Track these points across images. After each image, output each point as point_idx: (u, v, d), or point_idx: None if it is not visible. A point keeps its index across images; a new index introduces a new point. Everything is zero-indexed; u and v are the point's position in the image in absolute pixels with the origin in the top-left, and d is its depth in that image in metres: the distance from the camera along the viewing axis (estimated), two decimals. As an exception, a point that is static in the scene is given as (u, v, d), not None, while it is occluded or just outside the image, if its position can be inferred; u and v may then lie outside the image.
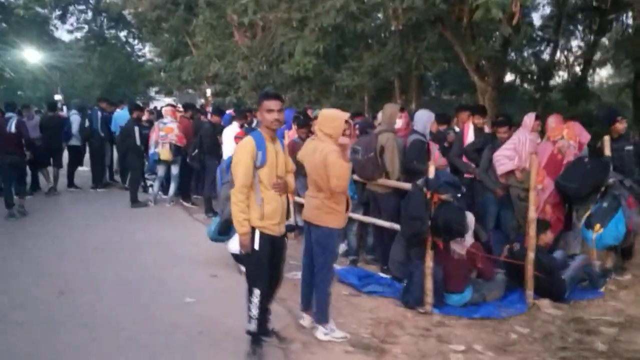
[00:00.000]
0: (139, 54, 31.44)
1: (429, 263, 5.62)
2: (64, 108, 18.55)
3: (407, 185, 6.04)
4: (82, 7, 28.31)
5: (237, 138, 9.01)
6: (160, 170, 10.88)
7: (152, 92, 33.26)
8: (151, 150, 10.58)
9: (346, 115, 4.93)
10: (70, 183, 12.90)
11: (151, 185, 12.25)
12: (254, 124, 10.48)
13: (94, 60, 30.33)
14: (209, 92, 15.27)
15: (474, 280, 5.98)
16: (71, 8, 28.27)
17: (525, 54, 18.02)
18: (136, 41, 31.02)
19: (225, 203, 6.34)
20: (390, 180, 6.48)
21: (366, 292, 6.20)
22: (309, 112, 11.18)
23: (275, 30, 18.21)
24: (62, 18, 28.74)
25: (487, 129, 8.21)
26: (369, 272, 6.76)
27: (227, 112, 11.80)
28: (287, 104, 19.48)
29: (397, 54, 15.99)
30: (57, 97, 26.92)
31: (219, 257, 6.98)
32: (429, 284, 5.64)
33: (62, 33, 48.59)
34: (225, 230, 6.55)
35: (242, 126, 9.65)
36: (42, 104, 22.67)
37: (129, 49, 31.90)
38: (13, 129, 9.78)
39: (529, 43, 16.90)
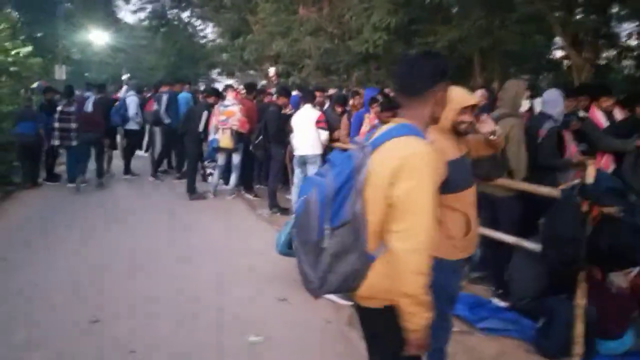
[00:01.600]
0: (201, 34, 30.26)
1: (581, 300, 3.96)
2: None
3: (543, 190, 4.38)
4: (146, -15, 27.24)
5: (320, 123, 7.56)
6: (221, 158, 9.49)
7: (213, 73, 32.11)
8: (211, 137, 9.19)
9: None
10: (127, 170, 11.74)
11: (210, 174, 10.91)
12: (325, 107, 8.94)
13: (157, 41, 29.33)
14: (272, 70, 13.74)
15: (637, 321, 4.28)
16: (134, -13, 27.19)
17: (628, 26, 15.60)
18: (199, 22, 29.82)
19: (335, 261, 4.55)
20: (515, 182, 4.81)
21: (482, 329, 4.59)
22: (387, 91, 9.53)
23: (344, 2, 16.55)
24: (126, -1, 27.79)
25: (618, 114, 6.43)
26: (481, 299, 5.12)
27: (293, 93, 10.32)
28: (353, 84, 17.89)
29: (481, 27, 14.07)
30: (125, 76, 26.18)
31: (288, 272, 5.49)
32: (579, 329, 3.98)
33: (126, 14, 47.99)
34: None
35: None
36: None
37: (191, 30, 30.76)
38: (90, 109, 10.38)
39: (634, 14, 14.58)
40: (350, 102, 8.12)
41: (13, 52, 19.30)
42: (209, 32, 29.19)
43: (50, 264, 6.04)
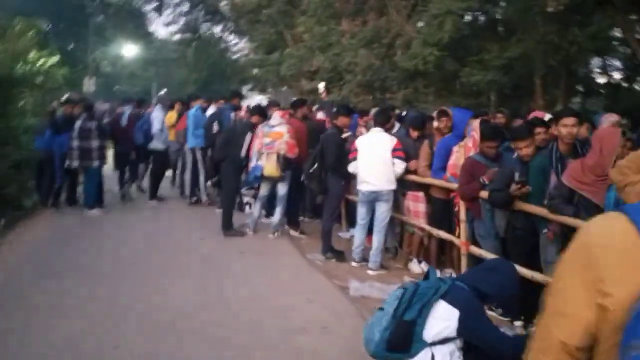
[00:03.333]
0: (234, 49, 28.81)
1: None
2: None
3: None
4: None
5: (398, 152, 5.84)
6: (264, 188, 7.75)
7: (245, 89, 30.62)
8: (253, 163, 7.46)
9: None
10: (152, 195, 10.04)
11: (248, 204, 9.18)
12: (395, 130, 7.17)
13: (188, 55, 27.97)
14: (322, 87, 12.03)
15: None
16: (167, 0, 25.87)
17: None
18: (232, 36, 28.39)
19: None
20: None
21: None
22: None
23: (391, 16, 14.85)
24: (159, 11, 26.48)
25: None
26: None
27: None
28: (400, 103, 16.12)
29: (552, 43, 12.24)
30: (162, 92, 24.81)
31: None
32: None
33: (158, 28, 47.14)
34: (402, 343, 3.24)
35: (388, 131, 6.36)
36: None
37: (223, 44, 29.35)
38: (125, 123, 9.99)
39: None
40: (435, 124, 6.31)
41: (39, 63, 17.84)
42: (242, 47, 27.65)
43: (45, 331, 4.31)
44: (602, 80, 16.78)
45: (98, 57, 30.11)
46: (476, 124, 5.70)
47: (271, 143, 7.29)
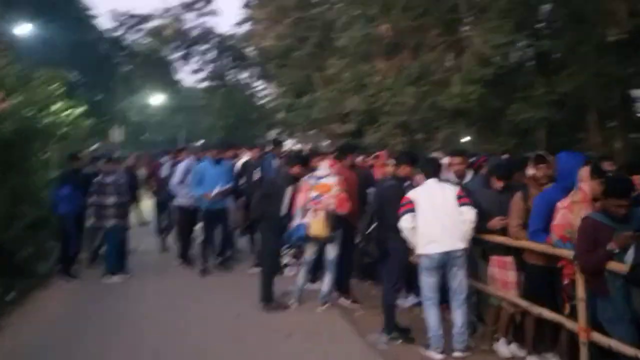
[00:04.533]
0: (260, 94, 27.99)
1: None
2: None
3: None
4: (206, 46, 25.22)
5: (464, 198, 4.61)
6: (310, 250, 6.42)
7: (272, 134, 29.67)
8: (296, 221, 6.16)
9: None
10: (182, 254, 8.74)
11: (287, 265, 7.86)
12: (468, 178, 5.85)
13: (215, 102, 27.20)
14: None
15: None
16: (193, 48, 25.23)
17: None
18: (258, 82, 27.62)
19: None
20: None
21: None
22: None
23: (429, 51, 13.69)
24: (186, 58, 25.84)
25: None
26: None
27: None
28: (438, 144, 14.83)
29: (610, 74, 10.92)
30: (200, 142, 24.00)
31: None
32: None
33: (184, 75, 47.18)
34: None
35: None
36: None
37: (249, 90, 28.58)
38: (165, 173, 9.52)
39: None
40: (530, 172, 4.96)
41: (64, 113, 16.88)
42: (268, 91, 26.84)
43: None
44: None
45: (125, 106, 29.55)
46: (585, 172, 4.37)
47: (318, 197, 6.01)
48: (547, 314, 4.56)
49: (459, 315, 5.09)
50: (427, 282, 5.15)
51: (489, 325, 5.42)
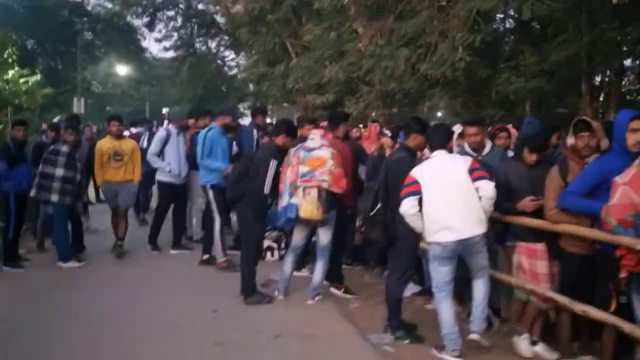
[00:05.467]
0: (231, 64, 26.58)
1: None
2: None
3: None
4: (171, 12, 23.67)
5: (478, 171, 3.81)
6: (299, 235, 5.47)
7: (242, 107, 28.39)
8: (283, 201, 5.19)
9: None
10: (151, 239, 7.60)
11: (269, 249, 6.92)
12: (486, 150, 4.95)
13: (182, 72, 25.74)
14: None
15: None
16: (160, 14, 23.63)
17: None
18: (228, 51, 26.18)
19: None
20: None
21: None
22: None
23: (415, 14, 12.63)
24: (150, 25, 24.24)
25: None
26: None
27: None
28: (424, 114, 13.98)
29: (612, 41, 10.12)
30: (165, 110, 22.52)
31: None
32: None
33: (150, 44, 45.28)
34: None
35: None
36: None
37: (219, 61, 27.14)
38: (146, 145, 8.60)
39: None
40: (570, 142, 4.06)
41: (21, 81, 15.54)
42: (239, 61, 25.48)
43: None
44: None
45: (87, 76, 27.89)
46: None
47: (310, 173, 5.04)
48: (599, 314, 3.73)
49: (480, 287, 4.27)
50: (439, 271, 4.27)
51: (512, 322, 4.58)
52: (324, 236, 5.30)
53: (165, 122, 10.23)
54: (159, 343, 4.46)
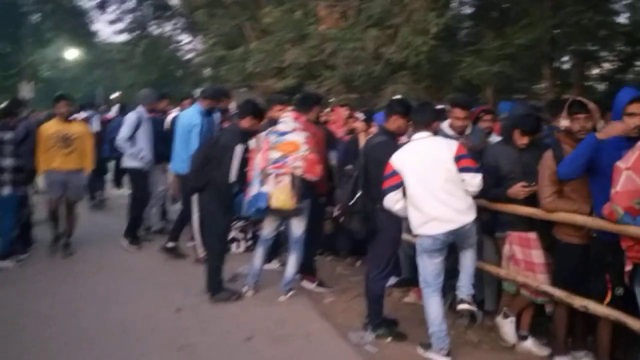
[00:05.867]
0: (187, 47, 25.60)
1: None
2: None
3: None
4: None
5: (465, 159, 3.42)
6: (270, 226, 5.03)
7: (199, 92, 27.42)
8: (253, 189, 4.72)
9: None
10: (128, 231, 6.84)
11: (234, 241, 6.45)
12: (468, 131, 4.59)
13: (136, 56, 24.68)
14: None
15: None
16: (111, -5, 22.54)
17: None
18: (183, 35, 25.21)
19: None
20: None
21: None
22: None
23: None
24: (102, 7, 23.07)
25: None
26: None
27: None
28: (386, 100, 13.61)
29: (578, 25, 10.00)
30: (115, 95, 21.39)
31: None
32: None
33: (102, 27, 43.49)
34: None
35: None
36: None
37: (175, 44, 26.13)
38: (97, 128, 8.92)
39: None
40: (564, 123, 3.72)
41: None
42: (195, 45, 24.54)
43: None
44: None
45: (35, 60, 26.47)
46: None
47: (282, 159, 4.59)
48: (597, 308, 3.44)
49: (468, 255, 3.98)
50: (428, 264, 3.91)
51: (502, 310, 4.25)
52: (297, 227, 4.87)
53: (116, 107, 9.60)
54: (115, 348, 3.96)
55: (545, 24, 10.60)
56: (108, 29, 26.27)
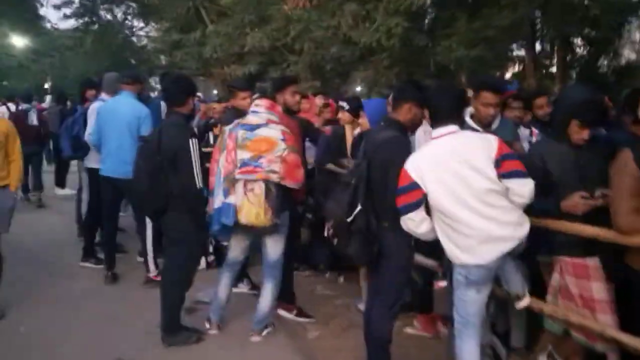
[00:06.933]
0: (140, 33, 23.78)
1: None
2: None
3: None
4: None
5: (507, 160, 2.44)
6: (238, 246, 3.83)
7: (154, 81, 25.74)
8: (216, 201, 3.52)
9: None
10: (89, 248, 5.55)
11: (209, 265, 5.23)
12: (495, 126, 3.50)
13: (86, 43, 22.75)
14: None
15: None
16: (57, -23, 20.55)
17: None
18: (136, 21, 23.37)
19: None
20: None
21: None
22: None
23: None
24: (47, -11, 21.07)
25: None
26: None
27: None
28: (359, 87, 12.56)
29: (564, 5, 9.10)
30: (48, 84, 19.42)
31: None
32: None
33: (49, 11, 40.78)
34: None
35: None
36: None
37: (127, 31, 24.27)
38: (35, 122, 8.59)
39: None
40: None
41: None
42: (150, 32, 22.84)
43: None
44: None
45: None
46: None
47: (253, 161, 3.40)
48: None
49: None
50: (474, 300, 2.82)
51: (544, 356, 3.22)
52: (273, 248, 3.71)
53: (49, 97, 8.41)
54: None
55: (530, 3, 9.69)
56: (56, 14, 24.09)
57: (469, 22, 10.69)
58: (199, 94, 11.47)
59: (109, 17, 22.64)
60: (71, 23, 23.65)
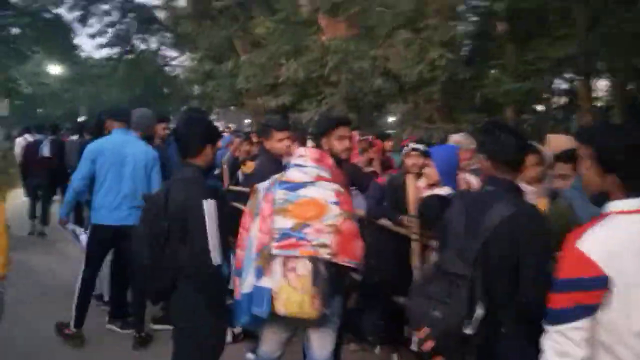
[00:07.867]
0: (173, 63, 23.54)
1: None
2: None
3: None
4: (105, 6, 20.48)
5: None
6: (272, 341, 2.82)
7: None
8: (245, 283, 2.57)
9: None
10: (116, 313, 4.64)
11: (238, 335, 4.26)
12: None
13: (119, 72, 22.58)
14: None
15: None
16: (93, 8, 20.42)
17: None
18: (170, 51, 23.19)
19: None
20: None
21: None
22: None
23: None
24: (83, 20, 20.96)
25: None
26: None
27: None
28: (397, 122, 11.66)
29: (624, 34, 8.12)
30: (81, 118, 18.99)
31: None
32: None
33: (83, 41, 41.43)
34: None
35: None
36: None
37: (161, 60, 24.08)
38: (47, 153, 7.94)
39: None
40: None
41: None
42: (182, 60, 22.55)
43: None
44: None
45: (12, 75, 24.26)
46: None
47: (296, 231, 2.46)
48: None
49: None
50: None
51: None
52: (320, 345, 2.73)
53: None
54: None
55: (588, 35, 8.70)
56: (90, 43, 24.02)
57: (520, 54, 9.83)
58: (230, 124, 10.65)
59: (143, 46, 22.51)
60: (105, 52, 23.71)
